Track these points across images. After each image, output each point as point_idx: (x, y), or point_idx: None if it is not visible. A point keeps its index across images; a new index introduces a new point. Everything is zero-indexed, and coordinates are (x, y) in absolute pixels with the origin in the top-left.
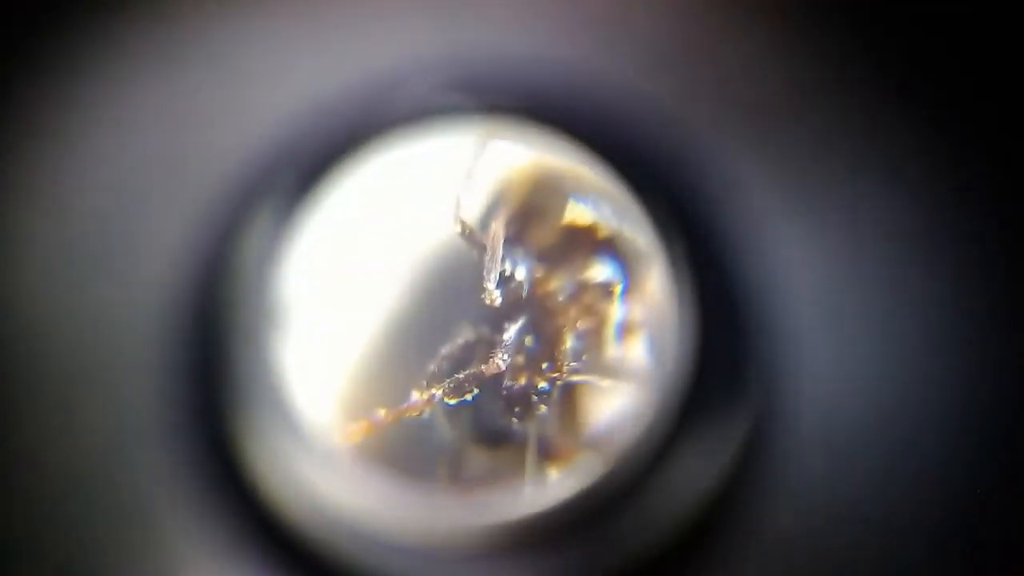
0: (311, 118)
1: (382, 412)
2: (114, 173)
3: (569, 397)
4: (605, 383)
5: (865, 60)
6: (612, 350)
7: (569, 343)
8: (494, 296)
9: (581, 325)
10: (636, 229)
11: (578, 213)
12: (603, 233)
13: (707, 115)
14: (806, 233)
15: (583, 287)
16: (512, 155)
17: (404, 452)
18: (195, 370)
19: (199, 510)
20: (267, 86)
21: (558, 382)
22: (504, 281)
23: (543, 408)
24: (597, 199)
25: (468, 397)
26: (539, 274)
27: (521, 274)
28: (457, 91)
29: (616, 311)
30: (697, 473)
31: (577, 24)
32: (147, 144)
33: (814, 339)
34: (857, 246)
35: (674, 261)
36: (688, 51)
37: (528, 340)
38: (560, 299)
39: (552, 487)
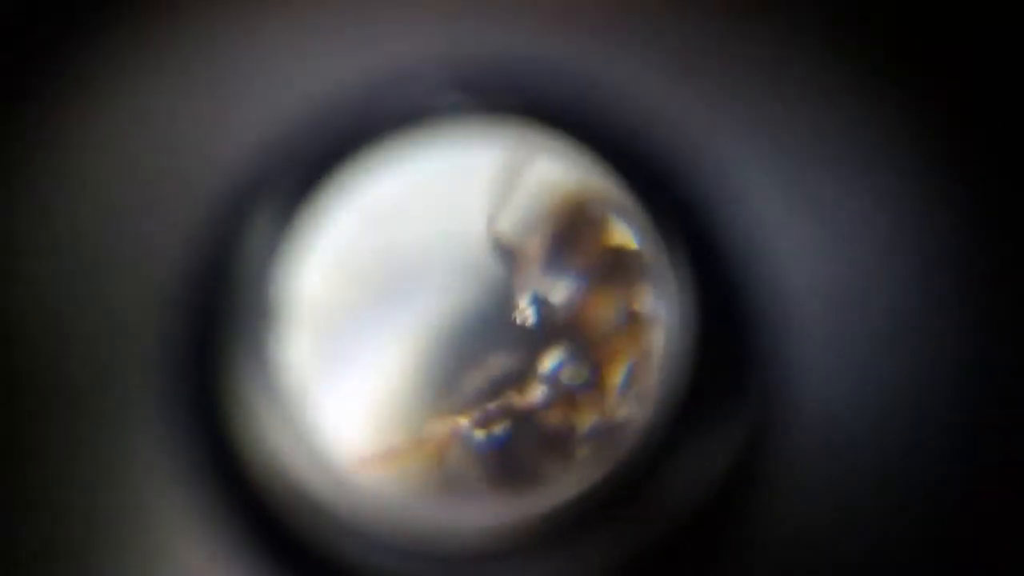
0: (312, 117)
1: (399, 443)
2: (113, 173)
3: (608, 434)
4: (642, 415)
5: (870, 59)
6: (655, 384)
7: (617, 377)
8: (528, 316)
9: (630, 357)
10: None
11: (624, 236)
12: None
13: (708, 114)
14: (808, 233)
15: (633, 315)
16: (553, 170)
17: (434, 470)
18: (196, 371)
19: (199, 511)
20: (267, 85)
21: (601, 419)
22: (540, 303)
23: (584, 450)
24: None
25: (497, 432)
26: (582, 297)
27: (560, 296)
28: (459, 91)
29: (660, 342)
30: (697, 474)
31: (577, 23)
32: (147, 144)
33: (815, 340)
34: (860, 248)
35: (675, 262)
36: (689, 50)
37: (567, 372)
38: (606, 326)
39: (553, 488)
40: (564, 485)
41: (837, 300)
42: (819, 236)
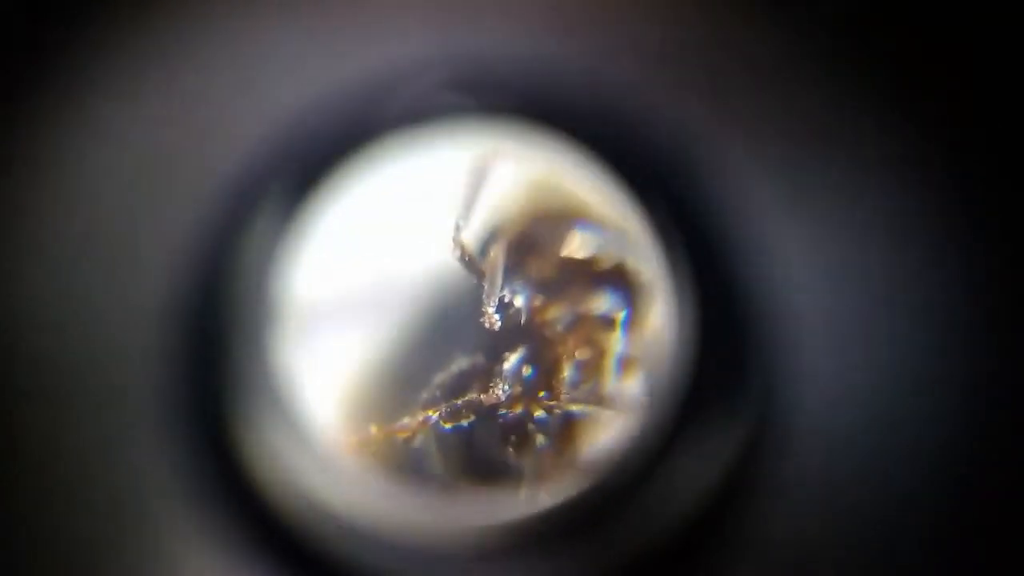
0: (311, 118)
1: (373, 429)
2: (114, 174)
3: (565, 426)
4: (603, 413)
5: (870, 60)
6: (611, 381)
7: (567, 373)
8: (493, 320)
9: (580, 355)
10: (638, 252)
11: (580, 243)
12: (605, 264)
13: (706, 115)
14: (807, 236)
15: (583, 318)
16: (514, 182)
17: (404, 454)
18: (196, 371)
19: (200, 511)
20: (267, 86)
21: (555, 411)
22: (503, 308)
23: (540, 438)
24: (600, 228)
25: (464, 423)
26: (538, 303)
27: (520, 302)
28: (457, 91)
29: (617, 343)
30: (697, 476)
31: (575, 23)
32: (148, 145)
33: (814, 342)
34: (859, 251)
35: (674, 264)
36: (688, 51)
37: (526, 369)
38: (559, 329)
39: (551, 490)
40: (562, 485)
41: (836, 301)
42: (818, 236)
